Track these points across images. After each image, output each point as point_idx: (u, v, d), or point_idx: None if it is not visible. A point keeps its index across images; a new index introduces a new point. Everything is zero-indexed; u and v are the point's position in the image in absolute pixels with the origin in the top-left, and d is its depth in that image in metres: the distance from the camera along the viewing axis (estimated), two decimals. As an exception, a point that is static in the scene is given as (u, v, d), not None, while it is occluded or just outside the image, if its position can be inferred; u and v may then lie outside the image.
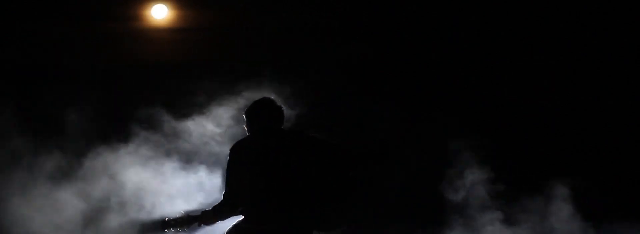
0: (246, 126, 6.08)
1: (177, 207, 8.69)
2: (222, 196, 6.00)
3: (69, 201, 8.84)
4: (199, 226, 5.97)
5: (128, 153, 9.05)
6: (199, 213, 6.00)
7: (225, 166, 6.05)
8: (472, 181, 9.39)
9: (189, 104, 9.36)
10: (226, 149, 6.12)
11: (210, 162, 9.10)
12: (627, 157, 9.77)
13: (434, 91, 10.02)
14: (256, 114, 6.05)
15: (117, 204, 8.90)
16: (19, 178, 8.87)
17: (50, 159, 8.95)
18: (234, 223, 6.01)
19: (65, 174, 8.93)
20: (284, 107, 6.10)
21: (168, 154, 9.15)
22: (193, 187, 9.04)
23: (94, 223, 8.85)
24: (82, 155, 9.02)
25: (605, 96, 9.99)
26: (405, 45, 10.23)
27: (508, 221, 9.34)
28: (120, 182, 8.97)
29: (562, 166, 9.42)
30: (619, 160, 9.75)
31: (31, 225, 8.75)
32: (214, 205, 6.02)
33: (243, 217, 5.98)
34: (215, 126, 9.19)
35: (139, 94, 9.65)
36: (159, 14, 10.42)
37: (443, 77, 10.14)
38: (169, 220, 5.95)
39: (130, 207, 8.90)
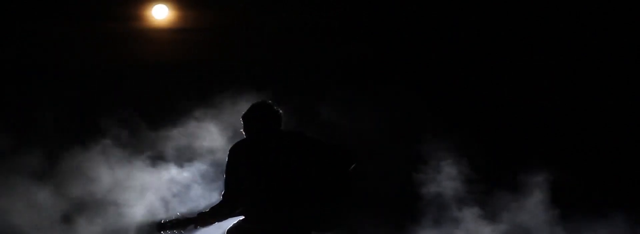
0: (244, 130, 6.08)
1: (148, 202, 8.73)
2: (221, 197, 6.00)
3: (47, 199, 8.84)
4: (195, 228, 5.96)
5: (120, 153, 9.07)
6: (195, 215, 6.01)
7: (224, 167, 6.05)
8: (448, 176, 9.37)
9: (180, 105, 9.37)
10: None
11: (201, 162, 9.12)
12: (605, 152, 9.76)
13: (412, 87, 10.00)
14: (254, 116, 6.05)
15: (94, 202, 8.90)
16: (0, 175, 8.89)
17: (32, 158, 8.96)
18: (235, 223, 6.01)
19: (45, 173, 8.93)
20: (280, 111, 6.10)
21: (160, 154, 9.16)
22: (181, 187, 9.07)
23: (72, 221, 8.85)
24: (67, 154, 9.02)
25: (582, 92, 10.00)
26: (397, 45, 10.24)
27: (484, 215, 9.32)
28: (107, 181, 8.99)
29: (539, 160, 9.38)
30: (596, 154, 9.75)
31: (10, 221, 8.76)
32: (211, 206, 6.02)
33: (243, 217, 5.98)
34: (209, 128, 9.20)
35: (135, 95, 9.68)
36: (160, 15, 10.42)
37: (421, 73, 10.15)
38: (165, 222, 5.95)
39: (107, 205, 8.90)
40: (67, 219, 8.84)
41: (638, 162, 9.74)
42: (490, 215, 9.30)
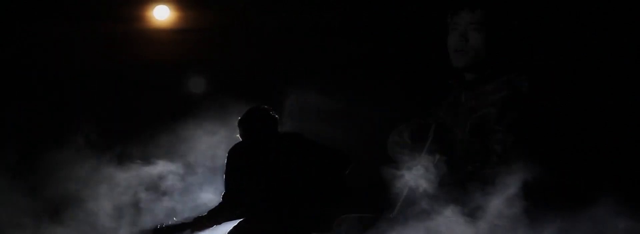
0: (243, 134, 6.09)
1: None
2: (221, 198, 6.02)
3: (22, 198, 8.84)
4: (192, 232, 5.99)
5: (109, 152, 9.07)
6: (192, 220, 6.03)
7: (224, 168, 6.07)
8: (423, 173, 9.28)
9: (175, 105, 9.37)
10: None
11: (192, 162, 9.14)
12: (587, 146, 9.71)
13: (401, 86, 9.98)
14: (254, 117, 6.09)
15: (68, 201, 8.89)
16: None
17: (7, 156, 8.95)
18: (235, 224, 6.03)
19: (20, 172, 8.92)
20: (276, 115, 6.12)
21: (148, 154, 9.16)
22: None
23: (47, 220, 8.85)
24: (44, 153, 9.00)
25: (563, 88, 9.96)
26: (387, 44, 10.23)
27: (461, 213, 9.23)
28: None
29: (518, 155, 9.29)
30: (578, 149, 9.69)
31: None
32: (210, 208, 6.04)
33: (243, 218, 6.00)
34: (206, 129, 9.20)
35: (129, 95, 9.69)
36: (161, 15, 10.40)
37: (406, 71, 10.14)
38: (161, 227, 5.98)
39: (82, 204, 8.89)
40: (41, 218, 8.84)
41: (619, 156, 9.70)
42: (467, 212, 9.23)
